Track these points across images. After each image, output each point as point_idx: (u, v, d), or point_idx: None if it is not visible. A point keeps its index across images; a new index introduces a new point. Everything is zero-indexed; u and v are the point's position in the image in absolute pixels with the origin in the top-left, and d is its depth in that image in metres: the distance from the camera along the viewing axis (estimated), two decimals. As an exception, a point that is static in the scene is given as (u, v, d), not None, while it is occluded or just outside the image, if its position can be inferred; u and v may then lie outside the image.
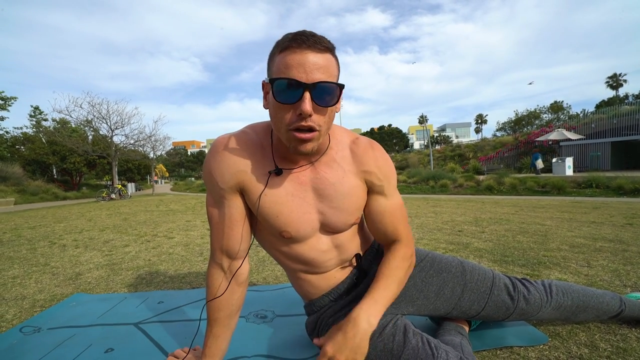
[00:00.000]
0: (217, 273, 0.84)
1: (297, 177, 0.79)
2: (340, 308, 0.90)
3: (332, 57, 0.68)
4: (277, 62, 0.66)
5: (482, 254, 2.12)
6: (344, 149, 0.82)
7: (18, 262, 2.42)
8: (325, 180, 0.79)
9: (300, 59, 0.63)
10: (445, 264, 0.95)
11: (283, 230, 0.80)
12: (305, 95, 0.63)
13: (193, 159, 54.95)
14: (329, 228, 0.84)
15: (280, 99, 0.65)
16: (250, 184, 0.78)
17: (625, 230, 2.69)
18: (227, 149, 0.77)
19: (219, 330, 0.84)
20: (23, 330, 1.23)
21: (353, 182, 0.81)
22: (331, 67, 0.66)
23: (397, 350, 0.74)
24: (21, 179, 14.31)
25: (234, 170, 0.77)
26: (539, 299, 0.95)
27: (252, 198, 0.79)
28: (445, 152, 24.84)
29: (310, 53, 0.63)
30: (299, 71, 0.63)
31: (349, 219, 0.83)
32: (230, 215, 0.80)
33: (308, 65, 0.63)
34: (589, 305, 1.00)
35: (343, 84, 0.68)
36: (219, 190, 0.79)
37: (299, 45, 0.63)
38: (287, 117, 0.66)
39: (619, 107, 17.79)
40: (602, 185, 7.08)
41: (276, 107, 0.67)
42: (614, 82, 43.07)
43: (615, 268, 1.70)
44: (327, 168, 0.80)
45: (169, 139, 18.82)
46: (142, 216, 5.34)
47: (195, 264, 2.16)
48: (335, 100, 0.67)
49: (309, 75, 0.63)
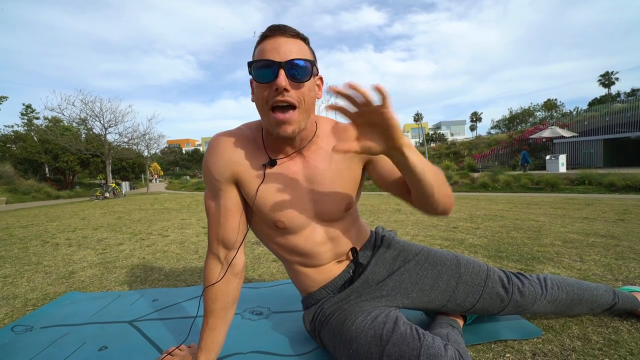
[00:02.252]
0: (214, 263, 0.87)
1: (288, 167, 0.83)
2: (337, 301, 0.91)
3: (304, 44, 0.75)
4: (256, 52, 0.74)
5: (477, 249, 2.13)
6: (328, 135, 0.87)
7: (10, 261, 2.38)
8: (315, 168, 0.83)
9: (274, 42, 0.71)
10: (440, 257, 0.96)
11: (277, 220, 0.84)
12: (280, 72, 0.69)
13: (188, 158, 54.55)
14: (322, 215, 0.87)
15: (259, 79, 0.71)
16: (244, 175, 0.82)
17: (617, 226, 2.73)
18: (222, 144, 0.83)
19: (215, 322, 0.86)
20: (15, 329, 1.21)
21: (341, 166, 0.85)
22: (303, 49, 0.73)
23: (386, 336, 0.76)
24: (12, 178, 14.09)
25: (228, 162, 0.81)
26: (533, 292, 0.96)
27: (247, 189, 0.83)
28: (441, 149, 25.00)
29: (281, 38, 0.71)
30: (272, 53, 0.70)
31: (341, 204, 0.87)
32: (225, 206, 0.84)
33: (281, 47, 0.70)
34: (583, 298, 1.02)
35: (314, 60, 0.74)
36: (215, 183, 0.83)
37: (272, 33, 0.72)
38: (266, 94, 0.71)
39: (611, 105, 18.05)
40: (594, 182, 7.17)
41: (257, 89, 0.73)
42: (606, 80, 43.60)
43: (608, 262, 1.72)
44: (315, 156, 0.84)
45: (163, 137, 18.70)
46: (136, 215, 5.29)
47: (190, 262, 2.14)
48: (308, 75, 0.72)
49: (282, 55, 0.70)
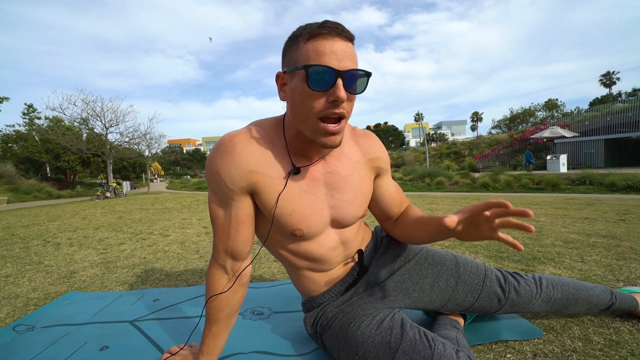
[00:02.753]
0: (219, 274, 0.81)
1: (310, 173, 0.78)
2: (340, 303, 0.90)
3: (353, 47, 0.69)
4: (305, 50, 0.65)
5: (478, 249, 2.13)
6: (348, 140, 0.84)
7: (11, 260, 2.39)
8: (337, 174, 0.80)
9: (332, 45, 0.63)
10: (440, 257, 0.97)
11: (295, 229, 0.78)
12: (338, 82, 0.63)
13: (189, 157, 54.62)
14: (338, 222, 0.84)
15: (314, 86, 0.64)
16: (263, 184, 0.75)
17: (618, 226, 2.72)
18: (236, 148, 0.73)
19: (218, 329, 0.84)
20: (16, 328, 1.22)
21: (362, 173, 0.84)
22: (355, 56, 0.68)
23: (394, 343, 0.74)
24: (14, 178, 14.13)
25: (245, 171, 0.73)
26: (529, 290, 0.97)
27: (265, 198, 0.76)
28: (441, 149, 24.95)
29: (339, 40, 0.64)
30: (331, 58, 0.63)
31: (358, 212, 0.84)
32: (237, 217, 0.77)
33: (339, 52, 0.63)
34: (579, 298, 1.02)
35: (371, 72, 0.68)
36: (226, 192, 0.75)
37: (329, 32, 0.63)
38: (318, 104, 0.65)
39: (612, 105, 18.00)
40: (595, 182, 7.15)
41: (306, 95, 0.66)
42: (607, 80, 43.48)
43: (608, 263, 1.72)
44: (337, 161, 0.80)
45: (164, 137, 18.68)
46: (137, 214, 5.30)
47: (191, 262, 2.15)
48: (363, 87, 0.68)
49: (341, 63, 0.63)
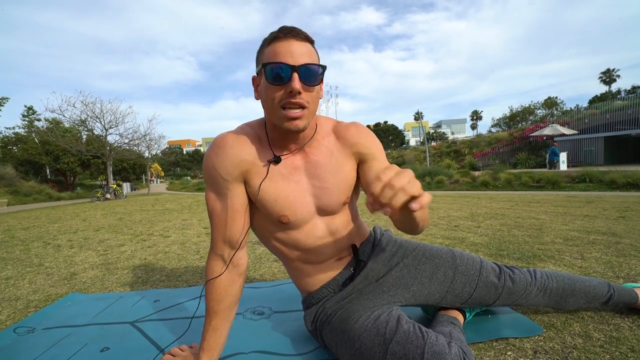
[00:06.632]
0: (218, 264, 0.87)
1: (291, 162, 0.86)
2: (339, 299, 0.91)
3: (312, 47, 0.78)
4: (267, 52, 0.76)
5: (478, 248, 2.13)
6: (329, 134, 0.91)
7: (11, 262, 2.39)
8: (316, 163, 0.87)
9: (287, 46, 0.74)
10: (436, 251, 1.00)
11: (281, 215, 0.85)
12: (294, 75, 0.72)
13: (189, 158, 54.60)
14: (323, 210, 0.89)
15: (273, 81, 0.74)
16: (252, 171, 0.84)
17: (618, 223, 2.72)
18: (227, 144, 0.83)
19: (218, 322, 0.86)
20: (17, 330, 1.22)
21: (341, 160, 0.89)
22: (312, 53, 0.77)
23: (389, 334, 0.77)
24: (14, 180, 14.12)
25: (237, 161, 0.82)
26: (524, 279, 0.99)
27: (253, 185, 0.85)
28: (441, 148, 24.96)
29: (294, 41, 0.74)
30: (286, 56, 0.73)
31: (341, 197, 0.89)
32: (232, 206, 0.84)
33: (294, 51, 0.74)
34: (576, 288, 1.03)
35: (325, 65, 0.78)
36: (222, 183, 0.83)
37: (284, 35, 0.75)
38: (279, 95, 0.75)
39: (611, 103, 17.95)
40: (595, 180, 7.15)
41: (268, 89, 0.75)
42: (607, 78, 43.52)
43: (609, 260, 1.72)
44: (316, 151, 0.88)
45: (164, 138, 18.74)
46: (137, 216, 5.30)
47: (191, 263, 2.15)
48: (319, 80, 0.77)
49: (296, 59, 0.73)
